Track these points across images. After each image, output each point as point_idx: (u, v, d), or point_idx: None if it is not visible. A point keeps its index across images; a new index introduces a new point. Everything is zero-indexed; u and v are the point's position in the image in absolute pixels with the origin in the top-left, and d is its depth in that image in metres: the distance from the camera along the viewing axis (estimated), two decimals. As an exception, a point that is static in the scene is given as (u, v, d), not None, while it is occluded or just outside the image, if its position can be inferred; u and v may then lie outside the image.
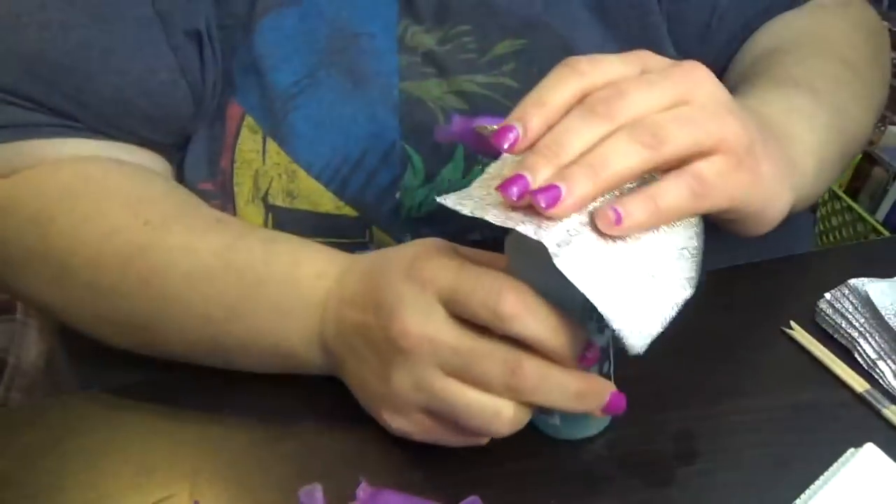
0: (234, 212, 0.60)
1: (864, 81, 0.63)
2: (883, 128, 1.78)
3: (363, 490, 0.46)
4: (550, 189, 0.38)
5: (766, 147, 0.45)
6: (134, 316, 0.54)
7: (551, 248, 0.38)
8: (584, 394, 0.43)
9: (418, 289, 0.43)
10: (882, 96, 0.66)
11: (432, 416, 0.45)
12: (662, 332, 0.39)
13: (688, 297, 0.41)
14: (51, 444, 0.54)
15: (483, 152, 0.50)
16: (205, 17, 0.56)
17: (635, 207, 0.39)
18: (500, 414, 0.43)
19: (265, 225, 0.60)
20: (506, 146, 0.40)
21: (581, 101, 0.41)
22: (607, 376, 0.48)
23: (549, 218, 0.39)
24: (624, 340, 0.38)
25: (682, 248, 0.41)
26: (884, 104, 0.67)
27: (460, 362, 0.42)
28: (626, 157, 0.39)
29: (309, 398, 0.55)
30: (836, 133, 0.57)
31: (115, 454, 0.52)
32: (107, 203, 0.55)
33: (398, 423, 0.46)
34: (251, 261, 0.52)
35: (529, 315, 0.41)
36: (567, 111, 0.41)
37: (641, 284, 0.39)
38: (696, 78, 0.42)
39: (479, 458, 0.49)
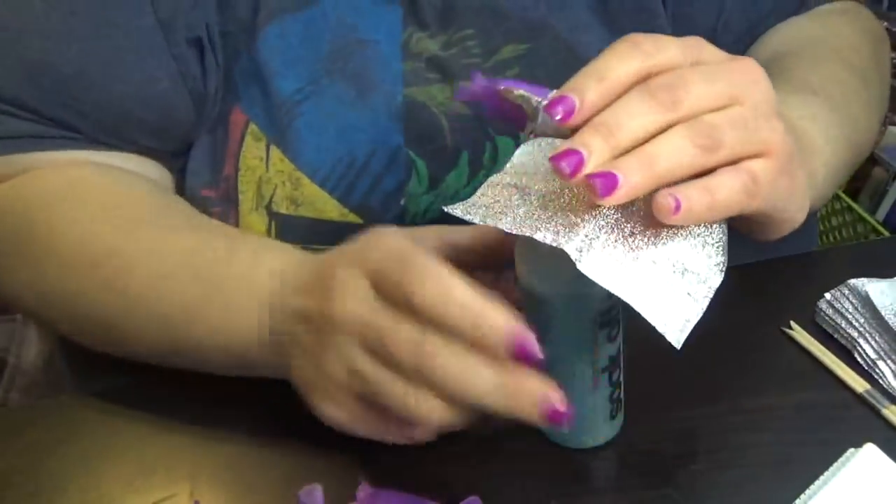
0: (236, 220, 0.60)
1: (870, 88, 0.63)
2: (883, 128, 1.78)
3: (363, 490, 0.46)
4: (608, 175, 0.37)
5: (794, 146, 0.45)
6: (100, 318, 0.54)
7: (573, 255, 0.38)
8: (510, 389, 0.39)
9: (355, 269, 0.42)
10: (884, 100, 0.66)
11: (363, 404, 0.44)
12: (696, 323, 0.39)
13: (719, 284, 0.40)
14: (51, 444, 0.54)
15: (502, 117, 0.48)
16: (206, 24, 0.57)
17: (694, 196, 0.38)
18: (424, 403, 0.41)
19: (269, 233, 0.60)
20: (558, 117, 0.39)
21: (640, 82, 0.40)
22: (618, 384, 0.48)
23: (569, 224, 0.38)
24: (665, 335, 0.38)
25: (706, 237, 0.41)
26: (886, 109, 0.67)
27: (375, 339, 0.41)
28: (681, 156, 0.39)
29: (309, 398, 0.55)
30: (845, 142, 0.57)
31: (115, 455, 0.53)
32: (84, 207, 0.55)
33: (330, 410, 0.45)
34: (214, 261, 0.52)
35: (449, 302, 0.39)
36: (625, 90, 0.40)
37: (670, 279, 0.39)
38: (754, 77, 0.42)
39: (479, 458, 0.49)
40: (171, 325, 0.52)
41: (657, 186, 0.39)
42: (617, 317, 0.45)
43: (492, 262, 0.48)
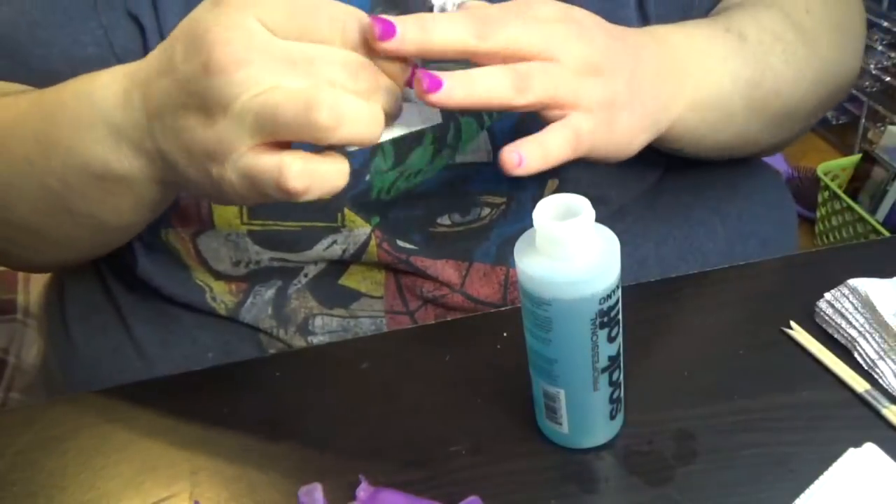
0: (208, 202, 0.60)
1: (811, 46, 0.62)
2: (883, 128, 1.78)
3: (363, 490, 0.46)
4: (434, 79, 0.43)
5: (633, 93, 0.51)
6: None
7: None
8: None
9: (233, 10, 0.41)
10: (835, 66, 0.65)
11: (264, 147, 0.42)
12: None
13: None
14: (50, 444, 0.54)
15: None
16: (154, 8, 0.56)
17: (532, 152, 0.46)
18: (359, 112, 0.41)
19: (240, 213, 0.60)
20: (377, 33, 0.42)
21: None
22: (618, 384, 0.48)
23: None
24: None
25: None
26: (841, 76, 0.66)
27: (300, 72, 0.40)
28: (496, 88, 0.45)
29: (309, 398, 0.55)
30: (744, 83, 0.58)
31: (114, 454, 0.53)
32: None
33: (230, 172, 0.42)
34: (55, 93, 0.52)
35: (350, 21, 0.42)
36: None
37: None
38: (574, 36, 0.48)
39: (479, 458, 0.49)
40: (34, 166, 0.52)
41: (470, 105, 0.45)
42: (617, 317, 0.45)
43: None
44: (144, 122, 0.46)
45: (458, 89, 0.44)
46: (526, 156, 0.46)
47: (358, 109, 0.41)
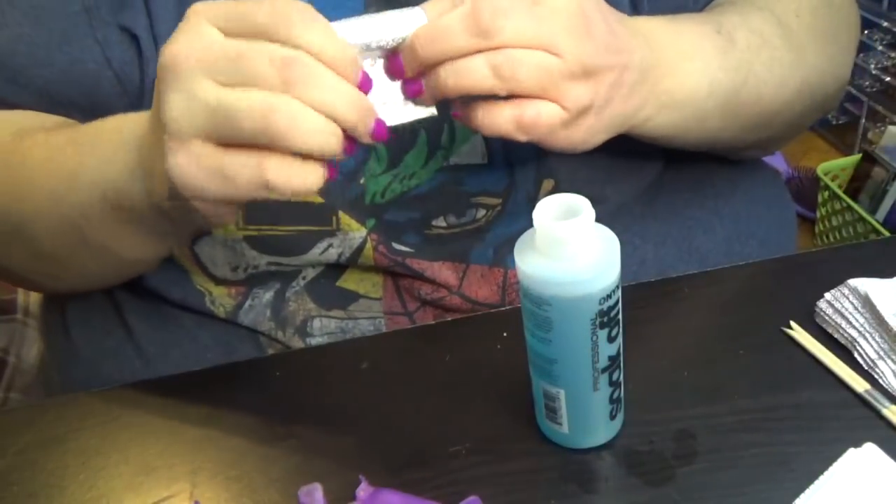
0: None
1: (797, 51, 0.62)
2: (883, 128, 1.78)
3: (363, 490, 0.46)
4: (414, 82, 0.47)
5: (610, 95, 0.50)
6: (6, 216, 0.57)
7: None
8: (354, 103, 0.43)
9: (190, 19, 0.44)
10: (821, 73, 0.65)
11: (212, 142, 0.43)
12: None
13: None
14: (50, 443, 0.54)
15: None
16: (147, 21, 0.57)
17: (469, 115, 0.48)
18: (277, 107, 0.42)
19: (236, 214, 0.61)
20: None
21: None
22: (618, 384, 0.48)
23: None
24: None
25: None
26: (827, 84, 0.66)
27: (232, 66, 0.42)
28: (473, 77, 0.46)
29: (309, 398, 0.55)
30: (722, 90, 0.58)
31: (114, 454, 0.53)
32: None
33: (179, 158, 0.44)
34: (90, 130, 0.54)
35: (314, 26, 0.43)
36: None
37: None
38: (579, 32, 0.47)
39: (479, 458, 0.49)
40: (59, 197, 0.54)
41: (452, 96, 0.47)
42: (617, 317, 0.45)
43: None
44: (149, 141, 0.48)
45: (442, 85, 0.46)
46: (466, 118, 0.49)
47: (315, 121, 0.42)
